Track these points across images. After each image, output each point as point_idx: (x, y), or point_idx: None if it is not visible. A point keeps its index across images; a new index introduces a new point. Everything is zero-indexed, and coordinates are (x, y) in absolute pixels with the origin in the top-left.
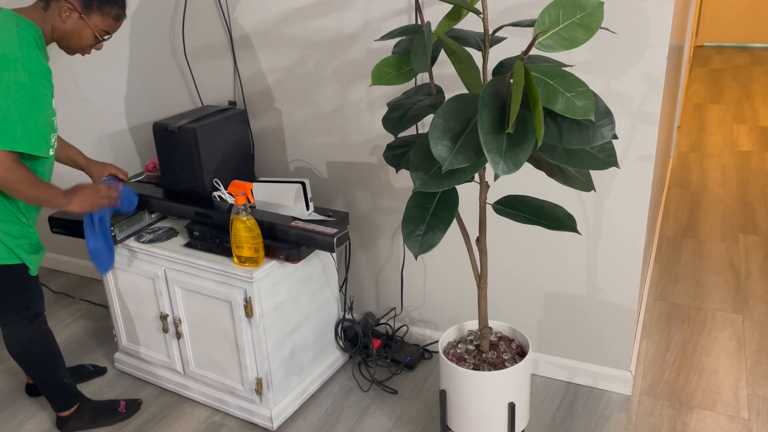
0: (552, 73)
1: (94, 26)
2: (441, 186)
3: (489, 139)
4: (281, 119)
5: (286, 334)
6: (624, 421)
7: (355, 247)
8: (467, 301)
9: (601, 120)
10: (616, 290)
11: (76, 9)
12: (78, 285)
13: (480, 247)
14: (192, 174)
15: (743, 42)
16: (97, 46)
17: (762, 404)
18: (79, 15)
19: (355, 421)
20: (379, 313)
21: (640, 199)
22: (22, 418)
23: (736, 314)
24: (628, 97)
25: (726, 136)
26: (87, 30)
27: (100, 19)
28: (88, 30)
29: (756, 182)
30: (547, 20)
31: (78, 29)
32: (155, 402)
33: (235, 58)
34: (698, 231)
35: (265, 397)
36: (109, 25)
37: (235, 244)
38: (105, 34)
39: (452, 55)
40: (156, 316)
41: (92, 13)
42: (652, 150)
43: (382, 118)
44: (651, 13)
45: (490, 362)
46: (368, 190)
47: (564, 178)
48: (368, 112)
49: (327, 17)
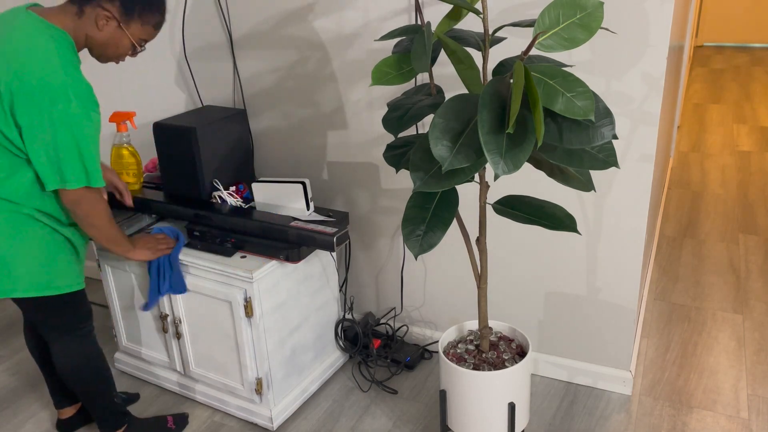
0: (552, 73)
1: (132, 35)
2: (441, 186)
3: (489, 139)
4: (281, 119)
5: (286, 334)
6: (624, 421)
7: (355, 247)
8: (467, 301)
9: (601, 120)
10: (616, 290)
11: (114, 17)
12: None
13: (480, 247)
14: (192, 174)
15: (743, 42)
16: (132, 54)
17: (762, 404)
18: (117, 23)
19: (355, 421)
20: (379, 313)
21: (640, 199)
22: (22, 418)
23: (736, 314)
24: (628, 97)
25: (726, 136)
26: (125, 39)
27: (140, 27)
28: (126, 39)
29: (756, 182)
30: (547, 20)
31: (116, 38)
32: (155, 402)
33: (235, 58)
34: (698, 231)
35: (265, 397)
36: (149, 33)
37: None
38: (143, 42)
39: (452, 55)
40: (156, 316)
41: (132, 22)
42: (652, 150)
43: (382, 118)
44: (651, 13)
45: (490, 362)
46: (368, 190)
47: (564, 178)
48: (368, 112)
49: (327, 17)
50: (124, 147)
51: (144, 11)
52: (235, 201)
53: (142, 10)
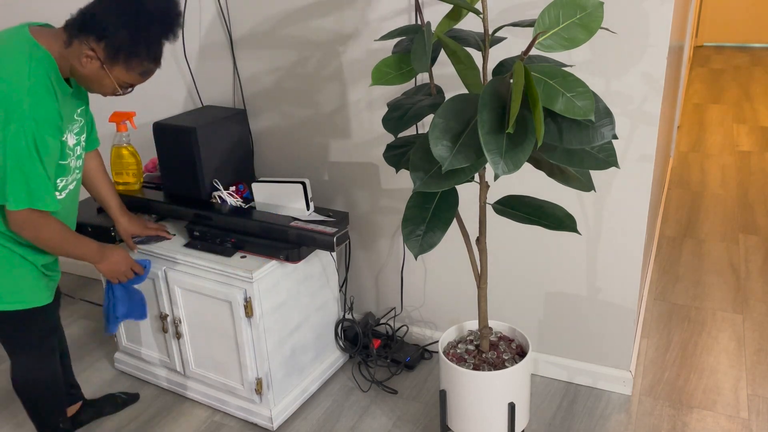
0: (552, 73)
1: (116, 78)
2: (441, 186)
3: (489, 139)
4: (281, 119)
5: (286, 334)
6: (624, 421)
7: (355, 247)
8: (467, 301)
9: (601, 120)
10: (616, 290)
11: (98, 57)
12: (78, 285)
13: (480, 247)
14: (192, 174)
15: (743, 42)
16: (117, 94)
17: (762, 404)
18: (101, 64)
19: (355, 421)
20: (379, 313)
21: (640, 199)
22: (22, 418)
23: (736, 314)
24: (628, 97)
25: (726, 136)
26: (107, 80)
27: (124, 72)
28: (109, 80)
29: (756, 182)
30: (547, 20)
31: (98, 77)
32: (155, 402)
33: (235, 58)
34: (698, 231)
35: (265, 397)
36: (134, 79)
37: (115, 171)
38: (128, 86)
39: (452, 55)
40: (156, 316)
41: (116, 66)
42: (652, 150)
43: (382, 118)
44: (651, 13)
45: (490, 362)
46: (368, 190)
47: (564, 178)
48: (368, 112)
49: (327, 17)
50: (124, 147)
51: (129, 57)
52: (235, 201)
53: (127, 56)
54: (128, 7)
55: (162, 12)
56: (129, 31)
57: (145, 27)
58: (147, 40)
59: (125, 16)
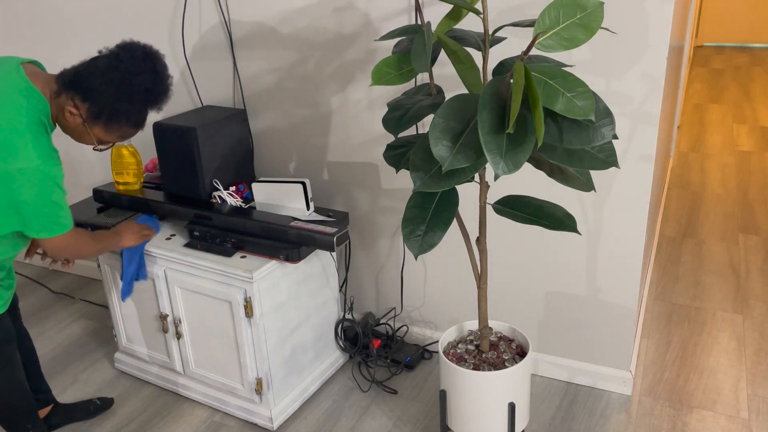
0: (552, 73)
1: (95, 136)
2: (441, 186)
3: (489, 139)
4: (281, 119)
5: (286, 334)
6: (624, 421)
7: (355, 247)
8: (467, 301)
9: (601, 120)
10: (616, 290)
11: (80, 115)
12: (78, 285)
13: (480, 247)
14: (192, 174)
15: (743, 42)
16: (96, 149)
17: (762, 404)
18: (82, 121)
19: (355, 421)
20: (379, 313)
21: (640, 199)
22: None
23: (736, 314)
24: (628, 97)
25: (726, 136)
26: (87, 136)
27: (104, 133)
28: (89, 137)
29: (756, 182)
30: (547, 20)
31: (79, 132)
32: (155, 402)
33: (235, 58)
34: (698, 231)
35: (265, 397)
36: (113, 140)
37: (116, 171)
38: (107, 143)
39: (452, 55)
40: (156, 316)
41: (96, 125)
42: (652, 150)
43: (382, 118)
44: (651, 13)
45: (490, 362)
46: (368, 190)
47: (564, 178)
48: (368, 112)
49: (327, 17)
50: (125, 147)
51: (110, 121)
52: (235, 201)
53: (108, 119)
54: (116, 76)
55: (147, 89)
56: (113, 100)
57: (128, 98)
58: (128, 111)
59: (111, 85)
